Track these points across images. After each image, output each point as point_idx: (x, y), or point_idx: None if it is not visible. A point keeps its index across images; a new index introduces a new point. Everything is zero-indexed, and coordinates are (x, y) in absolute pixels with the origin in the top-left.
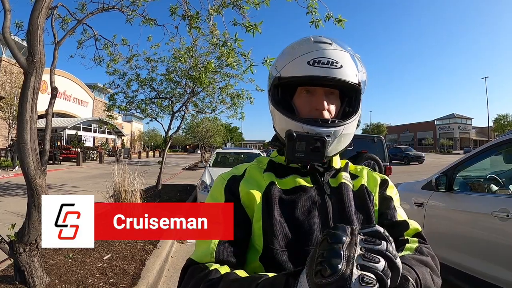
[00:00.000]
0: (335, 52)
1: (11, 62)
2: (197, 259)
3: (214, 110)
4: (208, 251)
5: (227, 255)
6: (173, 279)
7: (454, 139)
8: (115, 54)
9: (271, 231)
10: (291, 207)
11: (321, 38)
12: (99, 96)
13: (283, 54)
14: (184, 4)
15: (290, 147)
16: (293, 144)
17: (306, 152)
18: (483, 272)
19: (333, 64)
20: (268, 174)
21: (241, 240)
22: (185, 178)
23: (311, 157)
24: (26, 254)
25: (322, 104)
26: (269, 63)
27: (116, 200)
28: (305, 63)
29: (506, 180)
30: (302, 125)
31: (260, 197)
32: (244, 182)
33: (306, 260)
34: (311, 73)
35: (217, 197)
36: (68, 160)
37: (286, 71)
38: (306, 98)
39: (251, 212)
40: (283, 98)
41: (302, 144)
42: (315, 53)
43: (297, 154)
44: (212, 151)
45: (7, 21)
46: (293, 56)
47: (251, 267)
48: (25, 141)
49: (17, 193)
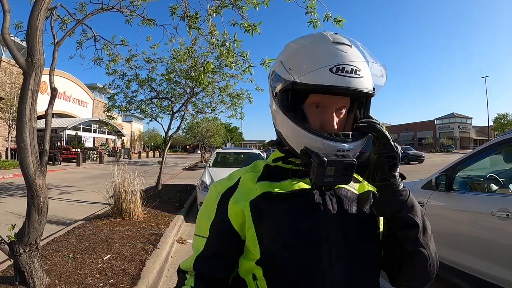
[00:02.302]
0: (355, 55)
1: (10, 63)
2: (182, 267)
3: (214, 110)
4: (191, 262)
5: (205, 268)
6: (173, 279)
7: (454, 139)
8: (114, 55)
9: (266, 236)
10: (290, 210)
11: (339, 38)
12: (99, 96)
13: (297, 54)
14: (184, 5)
15: (319, 173)
16: (323, 170)
17: (335, 176)
18: (483, 272)
19: (356, 73)
20: (262, 184)
21: (225, 254)
22: (185, 178)
23: (340, 181)
24: (26, 254)
25: (332, 123)
26: (267, 64)
27: (116, 200)
28: (327, 70)
29: (506, 180)
30: (322, 140)
31: (248, 207)
32: (234, 197)
33: (306, 260)
34: (334, 83)
35: (210, 211)
36: (68, 161)
37: (305, 78)
38: (317, 112)
39: (238, 224)
40: (293, 103)
41: (332, 169)
42: (336, 58)
43: (326, 179)
44: (212, 151)
45: (7, 22)
46: (314, 63)
47: (246, 268)
48: (24, 141)
49: (17, 194)
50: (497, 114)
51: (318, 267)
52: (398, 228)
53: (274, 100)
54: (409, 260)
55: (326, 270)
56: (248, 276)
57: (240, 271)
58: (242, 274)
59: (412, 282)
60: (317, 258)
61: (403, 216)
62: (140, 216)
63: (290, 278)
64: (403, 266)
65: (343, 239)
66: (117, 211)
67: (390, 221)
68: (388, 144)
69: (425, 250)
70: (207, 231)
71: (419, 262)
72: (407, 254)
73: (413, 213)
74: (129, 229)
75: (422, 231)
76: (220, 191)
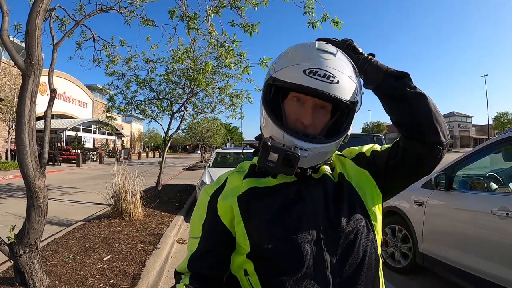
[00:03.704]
0: (335, 64)
1: (10, 64)
2: (178, 269)
3: (214, 110)
4: (185, 263)
5: (199, 266)
6: (173, 280)
7: (454, 137)
8: (113, 55)
9: (255, 229)
10: (276, 202)
11: (326, 47)
12: (98, 97)
13: (284, 55)
14: (182, 5)
15: (262, 156)
16: (266, 153)
17: (277, 163)
18: (483, 271)
19: (329, 78)
20: (248, 180)
21: (217, 251)
22: (185, 178)
23: (282, 170)
24: (26, 255)
25: (308, 118)
26: (265, 64)
27: (116, 201)
28: (301, 71)
29: (505, 178)
30: (283, 133)
31: (235, 202)
32: (222, 194)
33: (295, 249)
34: (304, 83)
35: (201, 213)
36: (68, 161)
37: (281, 74)
38: (295, 106)
39: (227, 220)
40: (275, 99)
41: (275, 156)
42: (314, 62)
43: (268, 163)
44: (212, 151)
45: (5, 23)
46: (292, 61)
47: (238, 264)
48: (24, 143)
49: (17, 195)
50: (497, 112)
51: (308, 256)
52: (394, 81)
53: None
54: (412, 101)
55: (317, 258)
56: (239, 272)
57: (232, 267)
58: (234, 271)
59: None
60: (306, 246)
61: (391, 72)
62: (140, 217)
63: (281, 270)
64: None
65: (330, 225)
66: (117, 211)
67: (386, 83)
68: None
69: (422, 91)
70: (200, 231)
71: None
72: (408, 99)
73: (396, 70)
74: (129, 229)
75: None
76: (210, 192)
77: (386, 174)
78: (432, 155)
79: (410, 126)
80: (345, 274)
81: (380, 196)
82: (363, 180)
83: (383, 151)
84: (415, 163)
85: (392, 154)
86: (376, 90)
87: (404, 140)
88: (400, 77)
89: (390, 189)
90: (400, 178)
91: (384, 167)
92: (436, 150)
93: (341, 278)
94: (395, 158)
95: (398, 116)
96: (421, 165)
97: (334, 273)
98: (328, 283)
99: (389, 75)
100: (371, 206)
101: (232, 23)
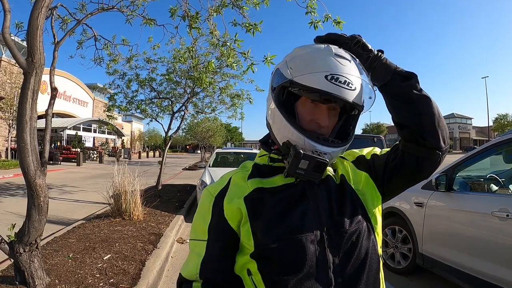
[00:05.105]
0: (351, 69)
1: (11, 63)
2: (185, 276)
3: (214, 110)
4: (194, 269)
5: (211, 272)
6: (173, 279)
7: (454, 139)
8: (115, 55)
9: (260, 229)
10: (281, 202)
11: (341, 52)
12: (99, 96)
13: (300, 58)
14: (184, 5)
15: (294, 163)
16: (298, 161)
17: (307, 170)
18: (483, 272)
19: (348, 85)
20: (253, 181)
21: (226, 254)
22: (185, 178)
23: (311, 176)
24: (26, 254)
25: (325, 119)
26: (269, 61)
27: (116, 200)
28: (322, 77)
29: (506, 180)
30: (304, 138)
31: (243, 203)
32: (227, 195)
33: (299, 248)
34: (326, 89)
35: (205, 214)
36: (68, 161)
37: (301, 79)
38: (309, 107)
39: (235, 222)
40: (287, 100)
41: (305, 163)
42: (334, 68)
43: (298, 170)
44: (212, 151)
45: (7, 21)
46: (313, 67)
47: (241, 264)
48: (25, 141)
49: (17, 194)
50: (497, 114)
51: (311, 256)
52: (402, 81)
53: (271, 94)
54: (417, 103)
55: (320, 258)
56: (242, 272)
57: (235, 267)
58: (237, 271)
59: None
60: (309, 246)
61: (400, 72)
62: (140, 216)
63: (284, 269)
64: (413, 110)
65: (334, 225)
66: (117, 211)
67: (393, 82)
68: (345, 38)
69: (428, 94)
70: (206, 234)
71: (426, 101)
72: (413, 101)
73: (405, 70)
74: (129, 229)
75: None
76: (213, 193)
77: (385, 176)
78: (430, 159)
79: (412, 127)
80: (347, 275)
81: (379, 198)
82: (363, 182)
83: (383, 154)
84: (413, 166)
85: (391, 157)
86: (382, 88)
87: (404, 143)
88: (408, 78)
89: (389, 191)
90: (398, 180)
91: (383, 169)
92: (435, 155)
93: (343, 278)
94: (394, 161)
95: (401, 117)
96: (419, 168)
97: (336, 273)
98: (330, 283)
99: (397, 74)
100: (372, 208)
101: (234, 23)
